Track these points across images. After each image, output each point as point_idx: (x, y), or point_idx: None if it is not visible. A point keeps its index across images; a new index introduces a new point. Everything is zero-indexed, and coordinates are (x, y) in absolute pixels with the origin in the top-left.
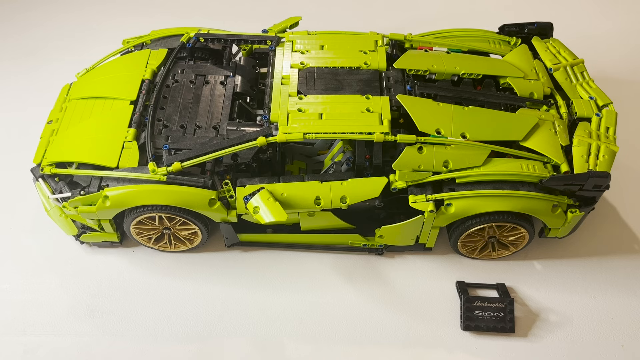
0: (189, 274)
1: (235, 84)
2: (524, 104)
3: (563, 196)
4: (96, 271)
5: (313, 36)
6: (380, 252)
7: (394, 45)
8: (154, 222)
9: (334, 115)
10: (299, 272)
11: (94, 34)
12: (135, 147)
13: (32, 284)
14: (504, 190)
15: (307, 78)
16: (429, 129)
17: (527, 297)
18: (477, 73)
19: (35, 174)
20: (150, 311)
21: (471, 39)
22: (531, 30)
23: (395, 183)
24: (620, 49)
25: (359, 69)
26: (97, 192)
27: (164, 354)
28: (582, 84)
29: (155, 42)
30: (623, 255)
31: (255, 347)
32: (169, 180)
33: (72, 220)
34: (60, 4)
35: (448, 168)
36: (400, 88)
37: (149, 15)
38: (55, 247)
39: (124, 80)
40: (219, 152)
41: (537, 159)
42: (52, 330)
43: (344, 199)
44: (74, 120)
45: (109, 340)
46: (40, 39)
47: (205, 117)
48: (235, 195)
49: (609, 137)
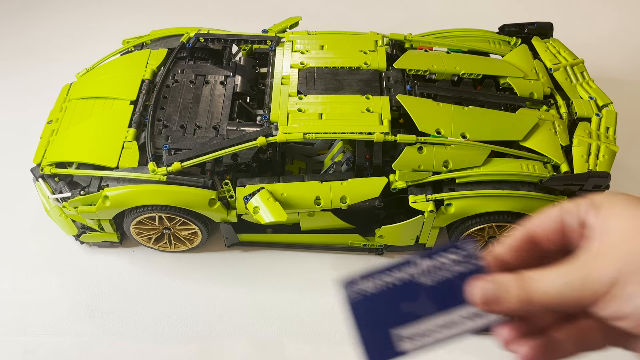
0: (189, 274)
1: (235, 84)
2: (524, 104)
3: (563, 196)
4: (96, 271)
5: (313, 36)
6: (380, 252)
7: (394, 45)
8: (154, 222)
9: (334, 115)
10: (299, 272)
11: (94, 33)
12: (135, 147)
13: (32, 284)
14: (504, 190)
15: (307, 78)
16: (429, 129)
17: None
18: (477, 73)
19: (35, 174)
20: (150, 311)
21: (471, 39)
22: (531, 30)
23: (395, 183)
24: (620, 49)
25: (359, 69)
26: (97, 192)
27: (164, 354)
28: (582, 84)
29: (155, 42)
30: None
31: (255, 347)
32: (169, 180)
33: (72, 220)
34: (59, 4)
35: (448, 168)
36: (400, 88)
37: (149, 15)
38: (55, 247)
39: (124, 80)
40: (219, 152)
41: (537, 159)
42: (52, 330)
43: (344, 199)
44: (74, 120)
45: (109, 340)
46: (40, 39)
47: (205, 117)
48: (235, 195)
49: (609, 137)
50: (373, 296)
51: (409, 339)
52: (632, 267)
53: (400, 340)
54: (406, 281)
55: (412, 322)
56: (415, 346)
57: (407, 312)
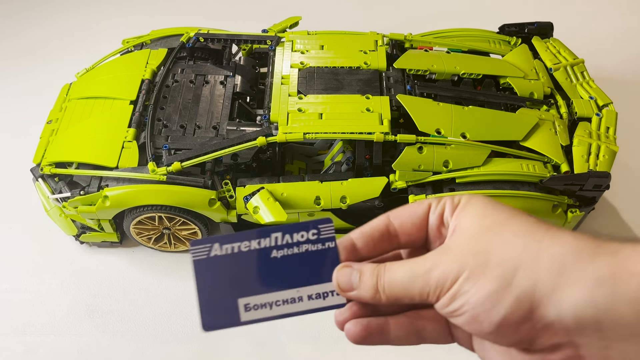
0: (189, 274)
1: (235, 84)
2: (524, 103)
3: (563, 196)
4: (96, 271)
5: (313, 36)
6: None
7: (394, 45)
8: (154, 222)
9: (334, 115)
10: None
11: (94, 33)
12: (135, 147)
13: (32, 284)
14: (504, 190)
15: (307, 78)
16: (429, 129)
17: None
18: (477, 73)
19: (35, 174)
20: (150, 311)
21: (471, 39)
22: (531, 30)
23: (395, 183)
24: (620, 49)
25: (359, 68)
26: (96, 192)
27: (164, 354)
28: (582, 83)
29: (155, 42)
30: None
31: (255, 347)
32: (168, 180)
33: (72, 220)
34: (59, 4)
35: (448, 168)
36: (400, 88)
37: (149, 15)
38: (55, 247)
39: (124, 80)
40: (219, 152)
41: (537, 159)
42: (52, 330)
43: (344, 199)
44: (74, 120)
45: (109, 340)
46: (40, 39)
47: (205, 117)
48: (235, 195)
49: (609, 137)
50: (219, 259)
51: (250, 309)
52: (471, 266)
53: (240, 308)
54: (257, 251)
55: (256, 293)
56: (254, 317)
57: (253, 283)
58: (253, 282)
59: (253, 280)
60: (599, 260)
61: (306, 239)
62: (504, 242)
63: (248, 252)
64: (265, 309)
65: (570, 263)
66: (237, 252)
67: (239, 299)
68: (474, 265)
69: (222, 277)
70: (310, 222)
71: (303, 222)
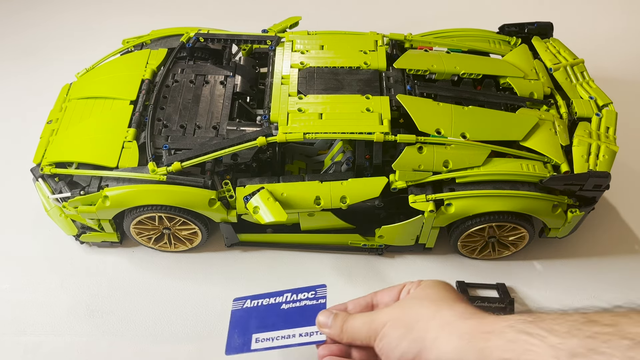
0: (189, 274)
1: (235, 84)
2: (524, 103)
3: (563, 196)
4: (96, 271)
5: (313, 36)
6: (380, 252)
7: (394, 45)
8: (154, 222)
9: (334, 115)
10: (299, 272)
11: (94, 33)
12: (135, 147)
13: (32, 284)
14: (504, 190)
15: (307, 78)
16: (429, 129)
17: (527, 297)
18: (477, 73)
19: (35, 174)
20: (150, 311)
21: (471, 39)
22: (531, 30)
23: (395, 183)
24: (620, 49)
25: (359, 68)
26: (97, 192)
27: (164, 354)
28: (582, 83)
29: (155, 42)
30: (623, 255)
31: None
32: (168, 180)
33: (72, 220)
34: (59, 4)
35: (448, 168)
36: (400, 88)
37: (149, 15)
38: (55, 247)
39: (124, 80)
40: (219, 152)
41: (537, 159)
42: (52, 330)
43: (344, 199)
44: (74, 120)
45: (109, 340)
46: (40, 39)
47: (205, 117)
48: (235, 195)
49: (609, 137)
50: (248, 310)
51: (259, 341)
52: (394, 319)
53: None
54: (273, 305)
55: (267, 331)
56: (261, 347)
57: (266, 324)
58: (265, 324)
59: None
60: (469, 322)
61: (306, 297)
62: (420, 306)
63: (267, 305)
64: (269, 342)
65: (451, 322)
66: (259, 305)
67: (253, 334)
68: (396, 317)
69: (246, 320)
70: (311, 287)
71: (306, 286)
